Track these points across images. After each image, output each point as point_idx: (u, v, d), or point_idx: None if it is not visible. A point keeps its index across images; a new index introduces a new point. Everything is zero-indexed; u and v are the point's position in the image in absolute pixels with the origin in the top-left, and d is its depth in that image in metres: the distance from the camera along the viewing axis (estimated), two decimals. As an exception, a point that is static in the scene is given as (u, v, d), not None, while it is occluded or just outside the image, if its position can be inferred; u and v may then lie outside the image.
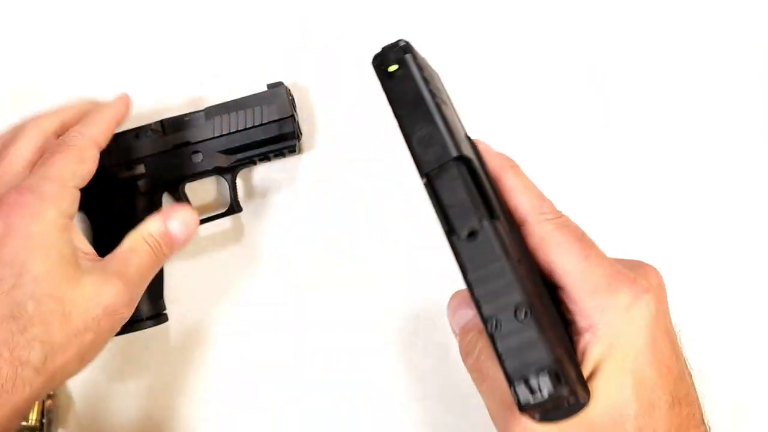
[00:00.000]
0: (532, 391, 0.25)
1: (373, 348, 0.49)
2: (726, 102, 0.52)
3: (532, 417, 0.26)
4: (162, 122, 0.46)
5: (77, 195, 0.38)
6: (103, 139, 0.40)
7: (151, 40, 0.53)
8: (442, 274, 0.49)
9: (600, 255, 0.29)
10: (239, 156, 0.47)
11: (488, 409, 0.30)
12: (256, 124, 0.47)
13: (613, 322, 0.27)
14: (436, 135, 0.28)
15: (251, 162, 0.49)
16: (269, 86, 0.48)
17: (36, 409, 0.46)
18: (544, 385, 0.24)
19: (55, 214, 0.35)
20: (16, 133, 0.39)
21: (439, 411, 0.48)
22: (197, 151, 0.46)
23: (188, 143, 0.46)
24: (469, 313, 0.32)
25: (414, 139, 0.28)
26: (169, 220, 0.39)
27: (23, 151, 0.38)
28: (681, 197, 0.51)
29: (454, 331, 0.32)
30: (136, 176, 0.46)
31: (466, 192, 0.27)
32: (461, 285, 0.27)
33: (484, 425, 0.43)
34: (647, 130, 0.52)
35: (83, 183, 0.38)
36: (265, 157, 0.48)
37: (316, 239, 0.50)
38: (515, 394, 0.25)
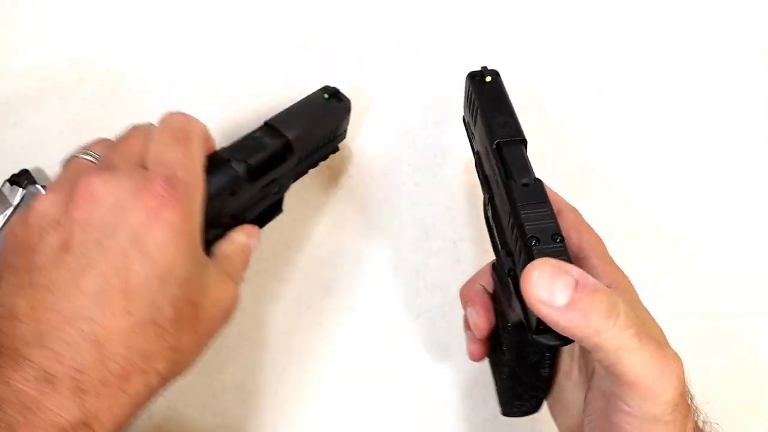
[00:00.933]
0: None
1: (373, 348, 0.49)
2: (726, 103, 0.52)
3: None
4: (249, 167, 0.38)
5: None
6: (207, 138, 0.37)
7: (152, 40, 0.53)
8: (442, 275, 0.50)
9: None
10: (301, 170, 0.45)
11: None
12: (327, 142, 0.45)
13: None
14: (512, 122, 0.38)
15: (306, 172, 0.46)
16: (329, 93, 0.44)
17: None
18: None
19: (199, 215, 0.32)
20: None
21: (440, 410, 0.48)
22: (278, 182, 0.42)
23: (275, 180, 0.41)
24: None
25: (495, 122, 0.38)
26: (251, 237, 0.38)
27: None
28: (682, 196, 0.51)
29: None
30: (225, 224, 0.41)
31: (525, 159, 0.36)
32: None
33: (483, 425, 0.44)
34: (648, 130, 0.52)
35: None
36: (315, 165, 0.47)
37: (317, 238, 0.50)
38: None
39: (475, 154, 0.42)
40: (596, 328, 0.27)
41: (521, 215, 0.33)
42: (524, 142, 0.37)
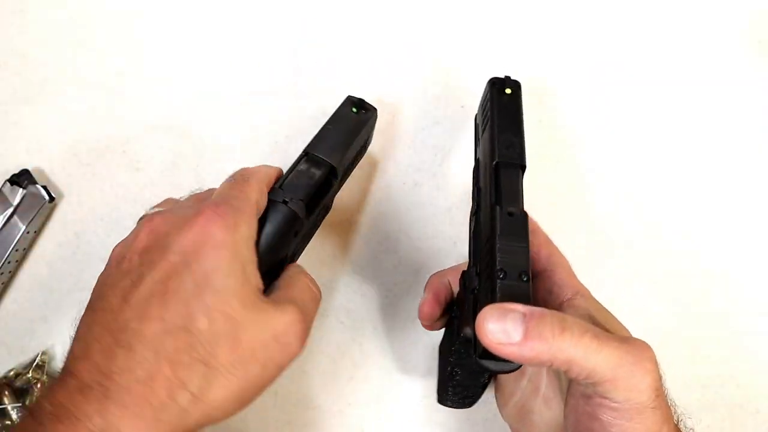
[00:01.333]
0: None
1: (374, 348, 0.49)
2: (725, 102, 0.52)
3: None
4: (307, 205, 0.39)
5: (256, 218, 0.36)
6: (269, 182, 0.39)
7: (151, 40, 0.53)
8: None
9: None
10: (341, 185, 0.45)
11: None
12: (360, 152, 0.45)
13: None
14: (517, 144, 0.38)
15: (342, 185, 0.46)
16: (355, 105, 0.43)
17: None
18: None
19: (247, 232, 0.33)
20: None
21: (440, 411, 0.48)
22: (325, 206, 0.43)
23: (324, 205, 0.42)
24: None
25: (501, 138, 0.38)
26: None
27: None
28: (682, 196, 0.51)
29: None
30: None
31: (518, 187, 0.36)
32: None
33: (483, 425, 0.43)
34: (648, 129, 0.52)
35: (259, 214, 0.36)
36: (349, 174, 0.47)
37: (317, 239, 0.50)
38: None
39: (476, 160, 0.42)
40: (557, 346, 0.29)
41: (497, 245, 0.33)
42: (523, 167, 0.37)
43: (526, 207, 0.36)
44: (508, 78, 0.41)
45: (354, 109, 0.43)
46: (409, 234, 0.50)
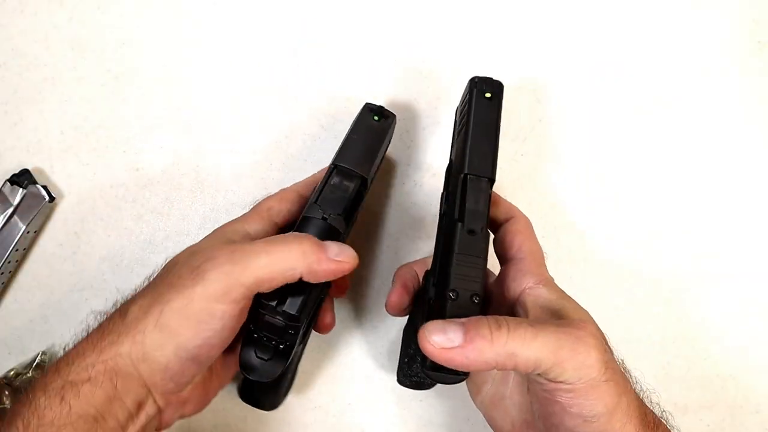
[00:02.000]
0: None
1: (375, 348, 0.49)
2: (726, 101, 0.52)
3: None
4: (345, 218, 0.39)
5: (272, 224, 0.40)
6: (304, 189, 0.42)
7: (149, 40, 0.53)
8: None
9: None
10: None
11: None
12: (383, 157, 0.45)
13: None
14: (488, 155, 0.36)
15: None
16: (375, 113, 0.43)
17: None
18: None
19: (246, 229, 0.39)
20: None
21: (440, 412, 0.48)
22: (358, 214, 0.43)
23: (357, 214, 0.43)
24: None
25: (472, 147, 0.36)
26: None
27: None
28: (682, 195, 0.51)
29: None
30: None
31: (483, 204, 0.35)
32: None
33: (483, 424, 0.43)
34: (646, 128, 0.52)
35: (280, 218, 0.40)
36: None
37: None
38: None
39: (450, 160, 0.42)
40: (497, 341, 0.31)
41: (453, 264, 0.34)
42: (492, 181, 0.36)
43: (526, 204, 0.36)
44: (489, 79, 0.39)
45: (375, 117, 0.42)
46: (409, 234, 0.50)
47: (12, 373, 0.47)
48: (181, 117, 0.51)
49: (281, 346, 0.37)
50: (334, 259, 0.35)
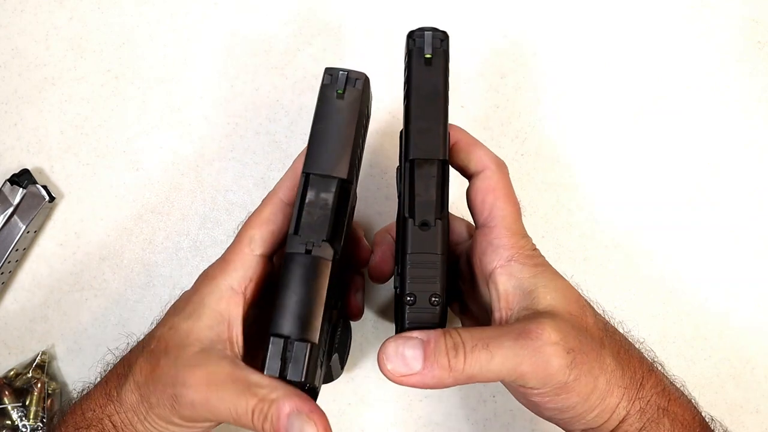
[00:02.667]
0: None
1: (374, 347, 0.49)
2: (725, 101, 0.52)
3: None
4: (332, 242, 0.32)
5: (257, 260, 0.34)
6: (285, 192, 0.36)
7: (152, 40, 0.53)
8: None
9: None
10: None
11: None
12: (365, 134, 0.36)
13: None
14: (435, 133, 0.31)
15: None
16: (338, 84, 0.33)
17: (34, 408, 0.46)
18: None
19: (228, 283, 0.34)
20: None
21: (440, 411, 0.48)
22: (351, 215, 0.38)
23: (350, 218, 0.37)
24: None
25: (415, 126, 0.31)
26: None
27: None
28: (681, 194, 0.51)
29: None
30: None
31: (435, 191, 0.31)
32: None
33: (483, 424, 0.44)
34: (644, 123, 0.52)
35: (266, 247, 0.34)
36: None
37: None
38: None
39: (401, 137, 0.34)
40: (456, 369, 0.30)
41: (408, 266, 0.31)
42: (445, 162, 0.31)
43: (526, 204, 0.34)
44: (429, 32, 0.31)
45: (339, 91, 0.33)
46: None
47: (12, 373, 0.47)
48: (181, 117, 0.51)
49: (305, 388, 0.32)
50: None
